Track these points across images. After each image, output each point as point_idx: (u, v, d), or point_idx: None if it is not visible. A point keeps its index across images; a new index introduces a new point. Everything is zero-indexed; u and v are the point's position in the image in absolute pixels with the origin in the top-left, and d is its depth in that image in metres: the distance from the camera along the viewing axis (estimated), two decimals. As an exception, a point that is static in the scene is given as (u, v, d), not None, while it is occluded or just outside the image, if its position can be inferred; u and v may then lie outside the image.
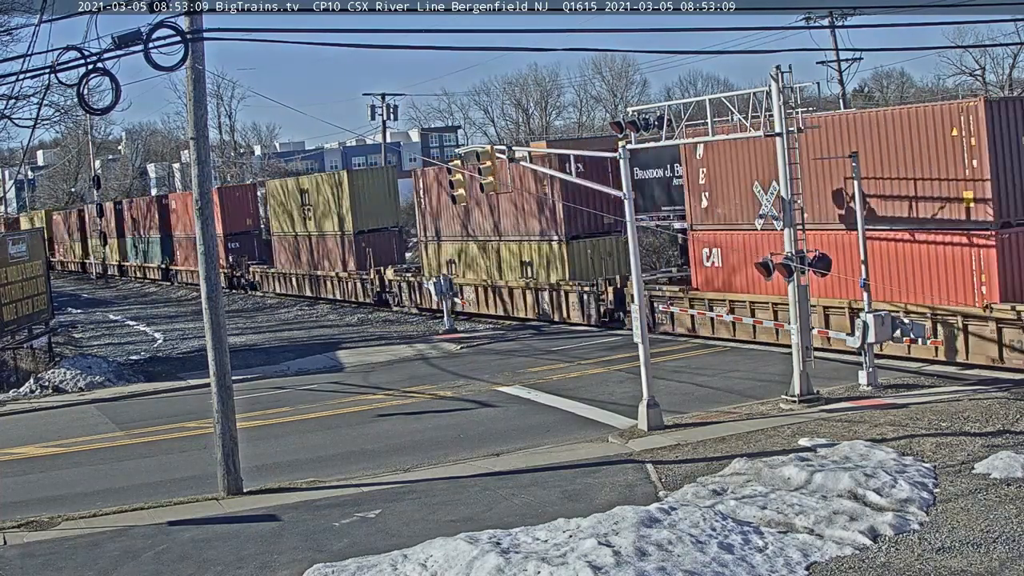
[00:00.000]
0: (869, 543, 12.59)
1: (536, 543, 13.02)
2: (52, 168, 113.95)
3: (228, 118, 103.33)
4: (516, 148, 25.49)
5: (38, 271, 34.78)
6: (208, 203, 17.42)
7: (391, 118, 70.35)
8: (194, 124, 17.16)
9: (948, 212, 22.05)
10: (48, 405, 27.16)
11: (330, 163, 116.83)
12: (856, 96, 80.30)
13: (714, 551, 12.40)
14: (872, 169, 23.02)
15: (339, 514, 15.51)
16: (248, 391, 26.03)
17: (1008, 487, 14.06)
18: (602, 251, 32.67)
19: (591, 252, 32.53)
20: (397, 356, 30.76)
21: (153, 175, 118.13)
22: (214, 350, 17.20)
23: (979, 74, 75.89)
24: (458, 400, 23.69)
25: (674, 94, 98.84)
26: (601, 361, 26.70)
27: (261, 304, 48.59)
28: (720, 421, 19.37)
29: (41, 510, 16.96)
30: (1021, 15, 38.28)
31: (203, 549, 14.42)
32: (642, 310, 19.59)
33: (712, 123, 21.45)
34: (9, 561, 14.56)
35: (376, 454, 19.47)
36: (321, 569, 13.08)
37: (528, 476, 16.79)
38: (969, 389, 20.02)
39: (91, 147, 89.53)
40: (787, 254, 20.07)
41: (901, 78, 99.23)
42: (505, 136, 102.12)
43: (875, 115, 23.65)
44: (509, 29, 25.37)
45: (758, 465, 15.75)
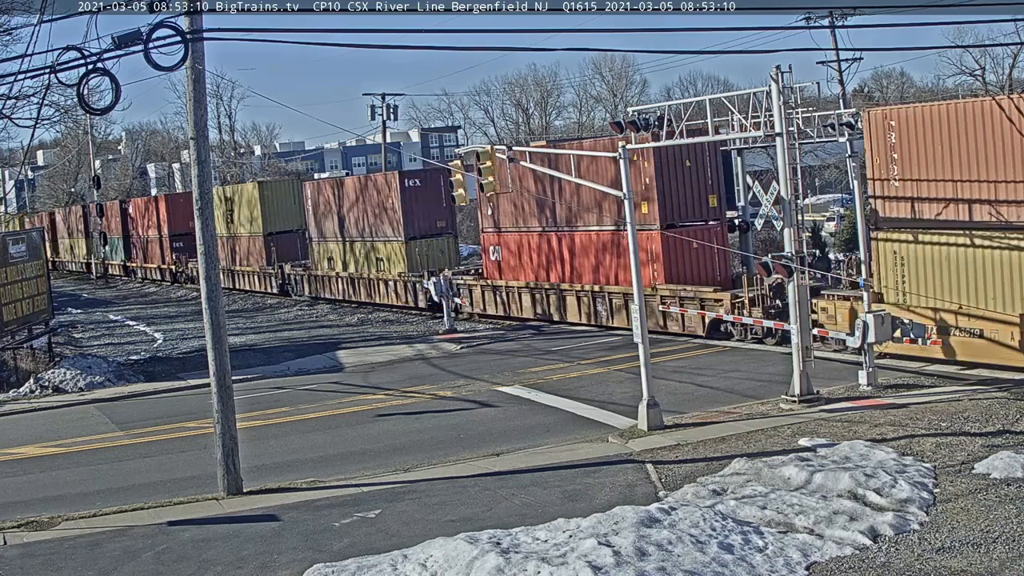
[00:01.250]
0: (869, 543, 12.59)
1: (536, 543, 13.02)
2: (52, 168, 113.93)
3: (228, 118, 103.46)
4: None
5: (38, 271, 34.79)
6: (208, 203, 17.44)
7: (391, 118, 70.38)
8: (194, 124, 17.16)
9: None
10: (48, 405, 27.15)
11: (330, 163, 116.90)
12: (856, 96, 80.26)
13: (714, 551, 12.40)
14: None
15: (339, 514, 15.51)
16: (248, 391, 26.04)
17: (1008, 487, 14.06)
18: (435, 249, 40.57)
19: (426, 250, 40.45)
20: (397, 356, 30.76)
21: (153, 175, 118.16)
22: (214, 350, 17.19)
23: (979, 74, 75.91)
24: (458, 400, 23.70)
25: (674, 94, 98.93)
26: (601, 361, 26.70)
27: (261, 304, 48.60)
28: (720, 421, 19.38)
29: (41, 510, 16.97)
30: (1021, 15, 38.23)
31: (203, 549, 14.42)
32: (642, 310, 19.60)
33: (712, 123, 21.47)
34: (9, 561, 14.56)
35: (376, 454, 19.48)
36: (321, 569, 13.08)
37: (528, 476, 16.80)
38: (969, 389, 20.03)
39: (91, 147, 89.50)
40: (787, 254, 20.09)
41: (901, 78, 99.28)
42: (505, 136, 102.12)
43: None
44: (509, 29, 25.44)
45: (758, 465, 15.76)
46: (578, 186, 29.86)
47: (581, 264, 32.71)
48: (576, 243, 32.79)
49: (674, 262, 29.51)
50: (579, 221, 32.53)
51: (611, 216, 30.62)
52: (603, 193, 27.68)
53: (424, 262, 39.94)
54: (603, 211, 31.38)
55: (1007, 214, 20.89)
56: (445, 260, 40.39)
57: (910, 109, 22.66)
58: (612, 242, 31.29)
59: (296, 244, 50.19)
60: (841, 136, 23.97)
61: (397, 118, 71.19)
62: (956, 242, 21.81)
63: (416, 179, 41.10)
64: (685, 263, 29.72)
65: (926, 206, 22.40)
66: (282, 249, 50.56)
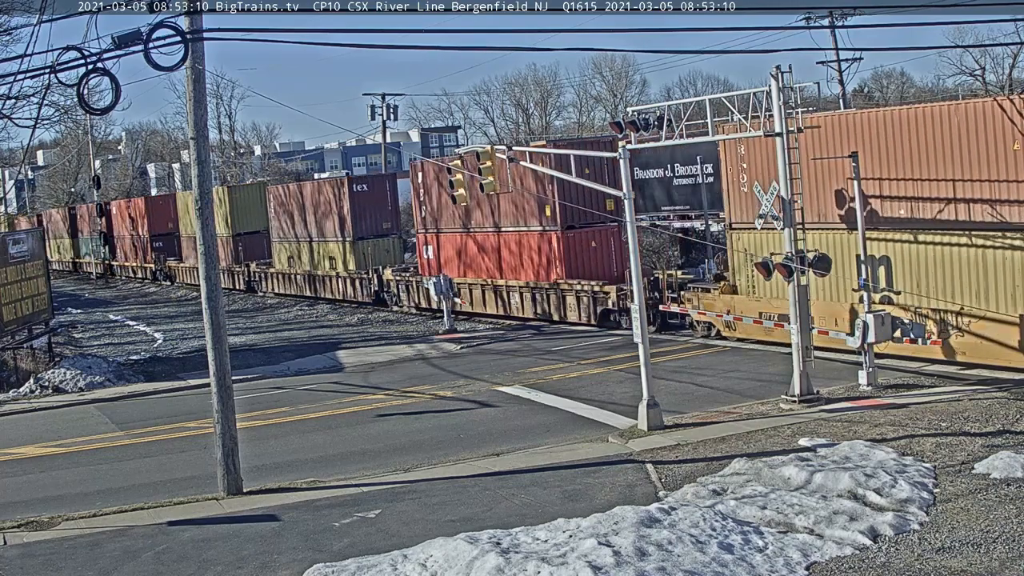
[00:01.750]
0: (869, 543, 12.59)
1: (536, 543, 13.02)
2: (52, 168, 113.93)
3: (228, 118, 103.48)
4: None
5: (38, 271, 34.79)
6: (208, 203, 17.43)
7: (391, 118, 70.41)
8: (194, 124, 17.16)
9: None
10: (48, 405, 27.16)
11: (330, 163, 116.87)
12: (856, 96, 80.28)
13: (714, 551, 12.40)
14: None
15: (339, 514, 15.51)
16: (248, 391, 26.04)
17: (1008, 487, 14.06)
18: (381, 249, 44.37)
19: (372, 250, 44.29)
20: (397, 356, 30.77)
21: (153, 175, 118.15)
22: (214, 350, 17.19)
23: (979, 74, 75.94)
24: (458, 400, 23.70)
25: (674, 94, 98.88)
26: (601, 361, 26.70)
27: (261, 304, 48.64)
28: (720, 421, 19.37)
29: (41, 510, 16.97)
30: (1021, 15, 38.26)
31: (203, 549, 14.42)
32: (642, 310, 19.60)
33: (712, 123, 21.46)
34: (9, 561, 14.56)
35: (376, 454, 19.48)
36: (321, 569, 13.08)
37: (528, 476, 16.79)
38: (969, 389, 20.03)
39: (91, 147, 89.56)
40: (787, 254, 20.09)
41: (901, 78, 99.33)
42: (505, 136, 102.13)
43: None
44: (509, 29, 25.45)
45: (758, 465, 15.75)
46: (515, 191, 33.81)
47: (501, 261, 36.10)
48: (489, 242, 36.50)
49: (574, 259, 32.91)
50: (517, 222, 35.20)
51: (523, 220, 34.55)
52: (531, 200, 33.24)
53: (370, 260, 43.69)
54: (519, 216, 34.76)
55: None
56: (390, 258, 44.09)
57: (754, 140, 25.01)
58: (516, 242, 35.10)
59: (262, 244, 53.68)
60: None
61: (397, 118, 71.31)
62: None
63: (364, 184, 45.30)
64: (584, 260, 33.10)
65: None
66: (248, 248, 54.59)
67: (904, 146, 22.56)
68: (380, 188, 44.98)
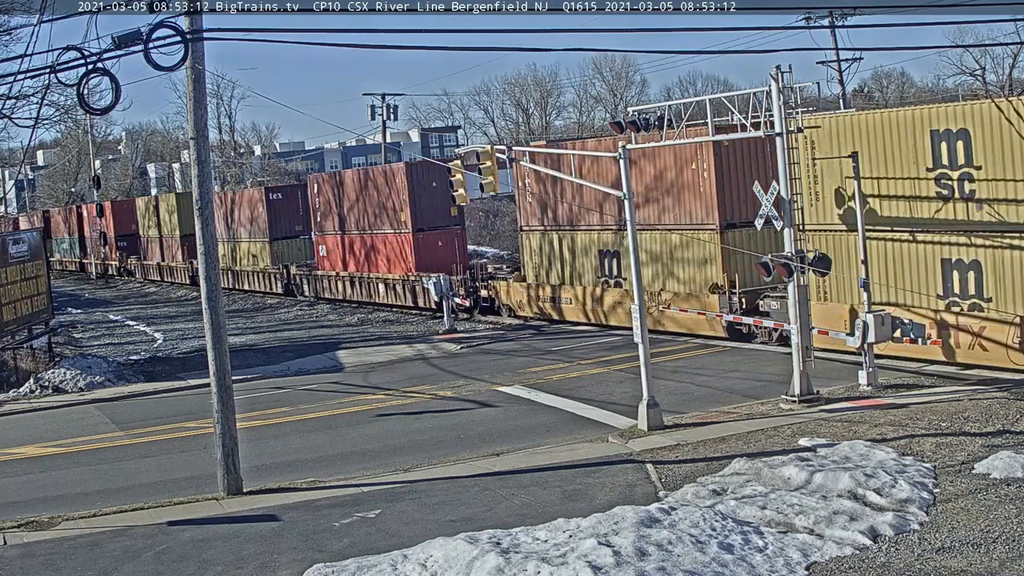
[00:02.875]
0: (869, 543, 12.59)
1: (536, 543, 13.02)
2: (52, 168, 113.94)
3: (228, 118, 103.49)
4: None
5: (38, 271, 34.78)
6: (208, 203, 17.43)
7: (391, 118, 70.45)
8: (194, 124, 17.15)
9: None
10: (48, 405, 27.16)
11: (330, 163, 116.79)
12: (856, 96, 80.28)
13: (714, 551, 12.40)
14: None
15: (339, 514, 15.51)
16: (248, 391, 26.03)
17: (1008, 487, 14.06)
18: (294, 248, 50.60)
19: (286, 249, 50.76)
20: (397, 356, 30.76)
21: (153, 175, 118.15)
22: (214, 350, 17.19)
23: (979, 74, 75.95)
24: (458, 400, 23.70)
25: (674, 94, 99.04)
26: (601, 361, 26.71)
27: (261, 304, 48.64)
28: (720, 421, 19.37)
29: (41, 510, 16.96)
30: (1021, 15, 38.24)
31: (203, 549, 14.42)
32: (642, 310, 19.59)
33: (712, 123, 21.46)
34: (9, 561, 14.56)
35: (376, 454, 19.48)
36: (321, 569, 13.08)
37: (528, 476, 16.79)
38: (969, 389, 20.02)
39: (91, 147, 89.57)
40: (787, 254, 20.09)
41: (901, 78, 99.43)
42: (505, 136, 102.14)
43: None
44: (509, 29, 25.36)
45: (758, 465, 15.75)
46: (380, 200, 41.56)
47: (379, 258, 42.48)
48: (373, 242, 42.84)
49: (424, 256, 39.69)
50: (378, 226, 42.19)
51: (393, 223, 40.95)
52: (393, 204, 40.32)
53: (284, 257, 50.66)
54: (388, 219, 41.25)
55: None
56: (301, 256, 50.51)
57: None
58: (383, 242, 41.77)
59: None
60: None
61: (397, 118, 71.36)
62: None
63: (279, 193, 52.15)
64: (433, 257, 39.58)
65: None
66: (192, 248, 57.47)
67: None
68: (293, 197, 51.38)
